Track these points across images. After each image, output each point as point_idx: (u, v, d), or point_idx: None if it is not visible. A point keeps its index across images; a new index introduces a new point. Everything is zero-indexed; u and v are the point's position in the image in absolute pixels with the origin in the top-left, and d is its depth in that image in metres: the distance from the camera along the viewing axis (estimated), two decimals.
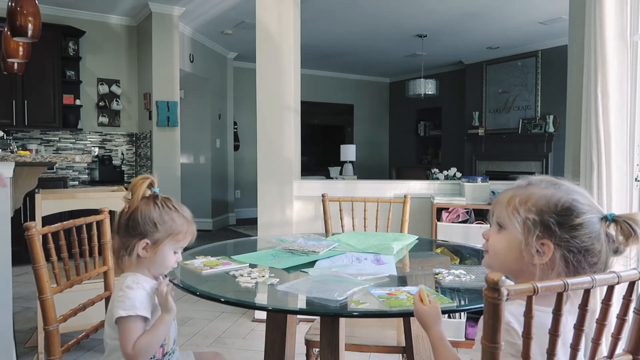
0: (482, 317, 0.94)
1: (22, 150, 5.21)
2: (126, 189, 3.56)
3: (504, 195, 1.01)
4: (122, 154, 6.32)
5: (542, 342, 0.82)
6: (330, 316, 1.32)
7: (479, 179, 3.36)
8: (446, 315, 2.80)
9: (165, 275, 1.37)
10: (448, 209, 3.29)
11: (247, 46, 7.09)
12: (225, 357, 1.62)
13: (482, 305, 0.78)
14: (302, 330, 1.99)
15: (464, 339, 2.96)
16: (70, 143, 6.11)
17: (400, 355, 1.94)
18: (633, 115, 2.44)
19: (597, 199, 2.42)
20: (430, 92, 7.22)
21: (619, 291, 0.84)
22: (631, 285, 0.87)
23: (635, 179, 2.47)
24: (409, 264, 1.76)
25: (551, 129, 7.17)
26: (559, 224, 0.92)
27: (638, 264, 2.32)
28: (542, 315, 0.86)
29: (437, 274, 1.48)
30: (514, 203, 0.97)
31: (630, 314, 0.89)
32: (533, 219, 0.94)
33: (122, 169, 6.15)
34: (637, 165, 2.48)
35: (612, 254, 0.93)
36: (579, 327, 0.83)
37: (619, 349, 0.90)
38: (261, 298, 1.33)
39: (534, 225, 0.94)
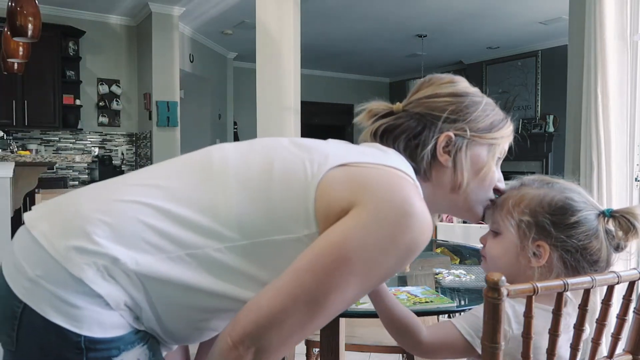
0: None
1: (22, 150, 5.21)
2: None
3: (498, 198, 0.99)
4: (122, 154, 6.32)
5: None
6: None
7: None
8: (446, 315, 2.79)
9: None
10: None
11: (247, 46, 7.09)
12: None
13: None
14: None
15: None
16: (70, 143, 6.11)
17: (400, 355, 1.94)
18: (633, 115, 2.44)
19: (597, 199, 2.42)
20: None
21: (619, 291, 0.84)
22: (631, 285, 0.87)
23: (635, 179, 2.47)
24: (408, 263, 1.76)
25: (551, 129, 7.17)
26: (553, 224, 0.90)
27: (638, 264, 2.32)
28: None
29: (437, 274, 1.48)
30: (507, 206, 0.95)
31: (630, 314, 0.89)
32: (527, 221, 0.92)
33: (122, 169, 6.15)
34: (637, 165, 2.48)
35: (614, 250, 0.91)
36: (579, 327, 0.83)
37: (619, 349, 0.90)
38: None
39: (529, 228, 0.91)
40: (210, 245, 0.74)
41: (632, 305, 0.88)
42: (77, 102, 5.95)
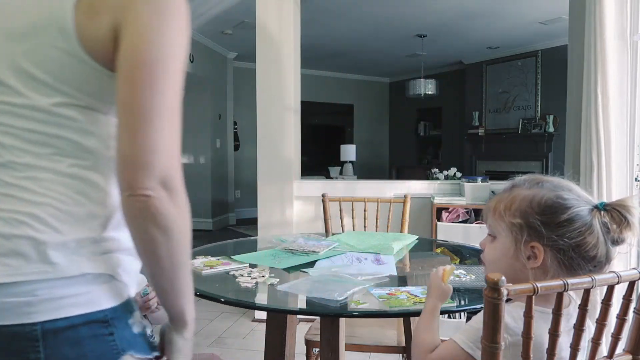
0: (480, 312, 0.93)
1: None
2: None
3: (491, 202, 1.00)
4: None
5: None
6: (330, 316, 1.32)
7: (479, 179, 3.36)
8: (446, 315, 2.80)
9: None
10: (448, 209, 3.29)
11: (247, 46, 7.09)
12: (221, 358, 1.62)
13: (482, 305, 0.78)
14: (302, 330, 1.99)
15: None
16: None
17: (400, 355, 1.94)
18: (633, 115, 2.44)
19: (597, 199, 2.42)
20: (430, 92, 7.21)
21: (619, 291, 0.84)
22: (631, 285, 0.87)
23: (635, 179, 2.47)
24: (409, 264, 1.76)
25: (551, 129, 7.17)
26: (544, 224, 0.90)
27: (638, 264, 2.32)
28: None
29: None
30: (499, 210, 0.96)
31: (630, 314, 0.89)
32: (518, 224, 0.92)
33: None
34: (637, 165, 2.48)
35: (612, 244, 0.91)
36: (578, 327, 0.84)
37: (619, 349, 0.90)
38: (261, 298, 1.33)
39: (520, 230, 0.92)
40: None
41: (632, 305, 0.88)
42: None
